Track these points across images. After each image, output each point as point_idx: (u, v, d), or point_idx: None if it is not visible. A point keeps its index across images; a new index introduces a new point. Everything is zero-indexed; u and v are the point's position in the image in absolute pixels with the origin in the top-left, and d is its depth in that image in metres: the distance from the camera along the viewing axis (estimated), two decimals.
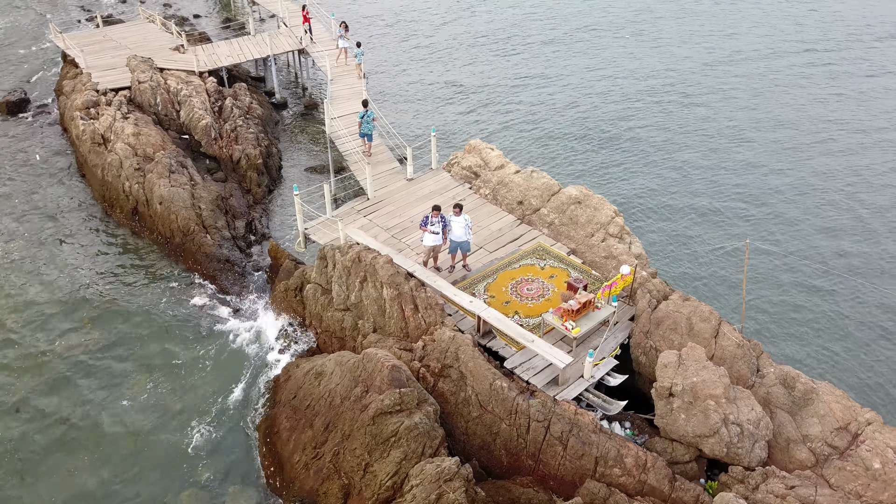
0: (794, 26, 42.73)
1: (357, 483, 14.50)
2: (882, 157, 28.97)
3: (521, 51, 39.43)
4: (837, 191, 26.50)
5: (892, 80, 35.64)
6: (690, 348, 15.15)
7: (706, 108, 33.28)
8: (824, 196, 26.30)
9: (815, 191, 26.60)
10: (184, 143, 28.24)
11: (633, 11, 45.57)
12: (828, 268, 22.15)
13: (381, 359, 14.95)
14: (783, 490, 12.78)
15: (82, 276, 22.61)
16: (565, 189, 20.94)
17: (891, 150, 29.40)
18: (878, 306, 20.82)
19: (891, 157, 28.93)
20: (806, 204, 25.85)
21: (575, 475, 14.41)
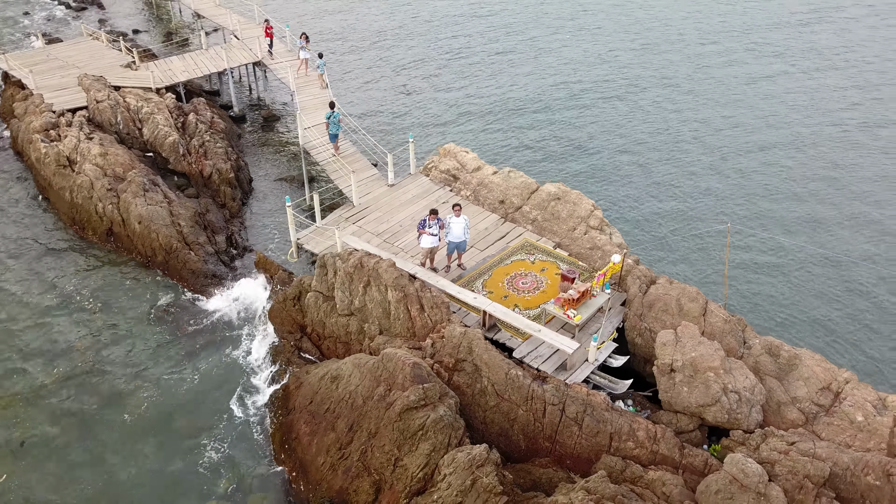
0: (772, 14, 45.26)
1: (388, 478, 15.13)
2: (848, 138, 31.25)
3: (484, 57, 40.22)
4: (809, 174, 28.58)
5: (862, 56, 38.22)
6: (685, 326, 16.43)
7: (673, 101, 35.05)
8: (794, 179, 28.30)
9: (784, 174, 28.57)
10: (149, 161, 28.03)
11: (596, 11, 47.17)
12: (796, 244, 23.97)
13: (402, 357, 15.62)
14: (785, 446, 14.14)
15: (67, 300, 22.31)
16: (543, 186, 22.03)
17: (857, 132, 31.73)
18: (843, 278, 22.76)
19: (856, 138, 31.25)
20: (773, 187, 27.79)
21: (590, 452, 15.44)
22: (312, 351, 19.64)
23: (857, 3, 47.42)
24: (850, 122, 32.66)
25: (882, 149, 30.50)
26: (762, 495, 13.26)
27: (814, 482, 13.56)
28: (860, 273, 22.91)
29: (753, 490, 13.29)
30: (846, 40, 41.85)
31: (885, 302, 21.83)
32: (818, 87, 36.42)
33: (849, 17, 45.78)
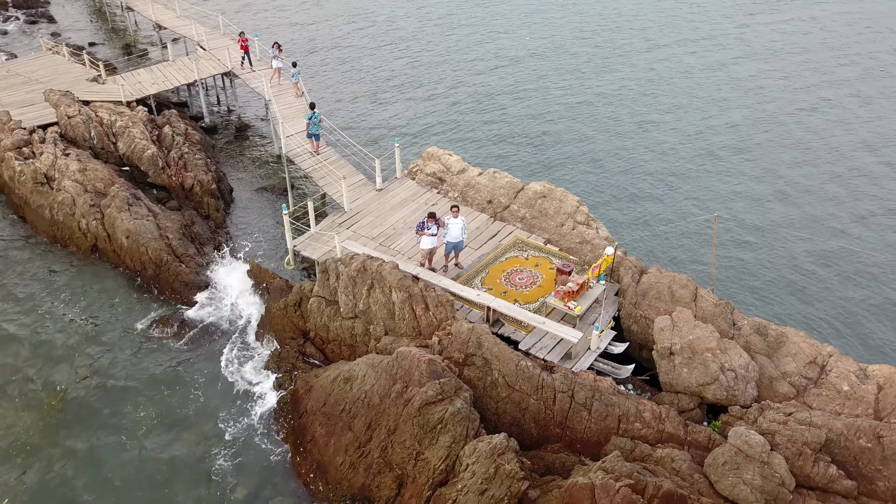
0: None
1: (410, 472, 15.64)
2: (822, 126, 32.97)
3: (455, 62, 40.70)
4: (785, 162, 30.08)
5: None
6: (679, 312, 17.41)
7: (647, 96, 36.32)
8: (770, 168, 29.80)
9: (761, 165, 30.01)
10: (126, 175, 27.85)
11: (567, 13, 48.28)
12: (776, 227, 25.34)
13: (417, 355, 16.17)
14: (783, 417, 15.19)
15: (60, 318, 22.09)
16: (529, 185, 22.84)
17: (833, 120, 33.46)
18: (818, 259, 24.17)
19: (827, 125, 32.97)
20: (750, 175, 29.20)
21: (600, 435, 16.24)
22: (317, 355, 19.99)
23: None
24: (826, 112, 34.36)
25: (859, 138, 32.21)
26: (765, 463, 14.24)
27: (812, 448, 14.64)
28: (834, 254, 24.42)
29: (757, 459, 14.27)
30: (816, 28, 43.87)
31: (858, 279, 23.31)
32: (795, 75, 38.17)
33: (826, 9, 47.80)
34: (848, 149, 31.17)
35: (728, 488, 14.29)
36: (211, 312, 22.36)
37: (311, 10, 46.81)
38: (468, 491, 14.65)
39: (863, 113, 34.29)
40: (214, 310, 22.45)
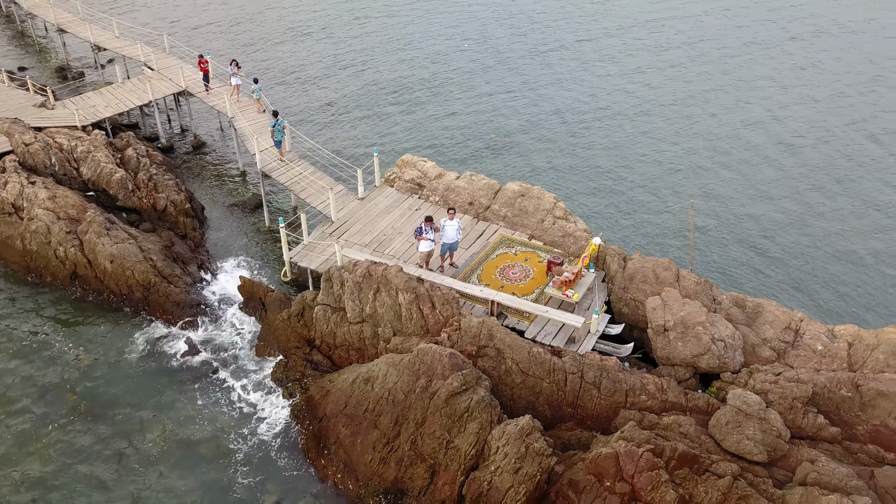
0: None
1: (442, 460, 16.57)
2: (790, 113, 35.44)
3: (420, 71, 41.41)
4: (753, 149, 32.40)
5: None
6: (668, 292, 19.03)
7: (624, 91, 38.01)
8: (737, 155, 32.03)
9: (730, 154, 32.20)
10: (93, 200, 27.50)
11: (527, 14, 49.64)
12: (744, 209, 27.54)
13: (437, 350, 17.12)
14: (773, 377, 16.97)
15: (51, 351, 21.78)
16: (506, 185, 24.12)
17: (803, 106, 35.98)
18: (782, 236, 26.41)
19: (797, 112, 35.46)
20: (718, 162, 31.35)
21: (609, 410, 17.63)
22: (324, 362, 20.59)
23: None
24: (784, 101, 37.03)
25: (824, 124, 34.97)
26: (763, 419, 15.93)
27: (801, 402, 16.46)
28: (795, 231, 26.78)
29: (756, 416, 15.94)
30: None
31: (815, 251, 25.65)
32: (766, 63, 40.81)
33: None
34: (803, 136, 33.84)
35: (734, 444, 15.88)
36: (207, 330, 22.58)
37: (255, 29, 46.65)
38: (502, 471, 15.71)
39: (813, 103, 37.04)
40: (210, 327, 22.67)
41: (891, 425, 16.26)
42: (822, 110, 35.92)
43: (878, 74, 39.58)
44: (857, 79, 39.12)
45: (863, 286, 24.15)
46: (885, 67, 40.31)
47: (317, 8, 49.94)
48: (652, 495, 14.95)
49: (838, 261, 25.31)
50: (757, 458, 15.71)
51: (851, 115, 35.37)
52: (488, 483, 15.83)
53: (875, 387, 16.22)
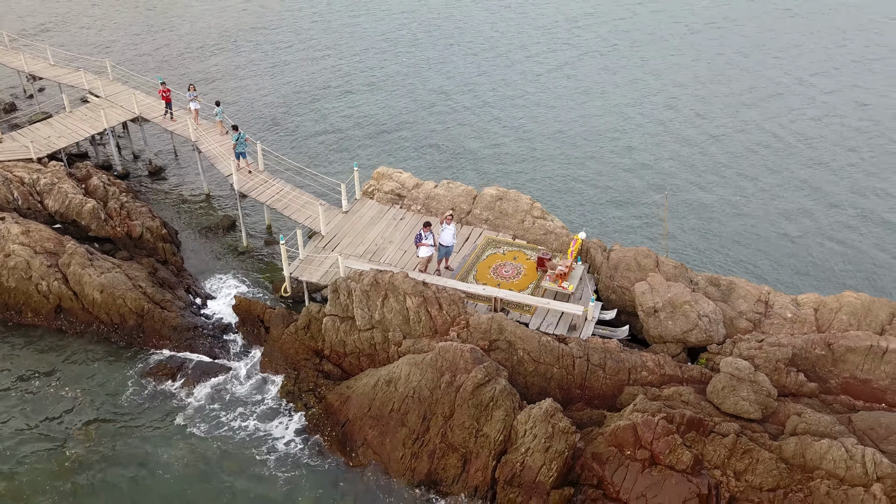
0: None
1: (473, 448, 17.75)
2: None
3: (382, 83, 41.98)
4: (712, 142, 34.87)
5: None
6: (652, 276, 20.91)
7: (584, 91, 39.86)
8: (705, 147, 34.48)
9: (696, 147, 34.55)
10: (62, 233, 27.10)
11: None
12: (704, 197, 29.91)
13: (458, 346, 18.30)
14: (756, 344, 19.06)
15: (52, 389, 21.48)
16: (484, 190, 25.55)
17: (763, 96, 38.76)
18: (744, 221, 28.88)
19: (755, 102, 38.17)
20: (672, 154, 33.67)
21: (614, 388, 19.27)
22: (335, 371, 21.34)
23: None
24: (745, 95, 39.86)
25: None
26: (754, 381, 17.93)
27: (783, 363, 18.59)
28: (756, 216, 29.35)
29: (747, 379, 17.92)
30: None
31: (775, 232, 28.28)
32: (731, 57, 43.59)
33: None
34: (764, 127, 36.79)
35: (731, 406, 17.80)
36: (207, 351, 22.83)
37: (195, 51, 46.25)
38: (533, 451, 17.05)
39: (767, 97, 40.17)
40: (210, 348, 22.94)
41: (859, 376, 18.61)
42: (760, 104, 39.18)
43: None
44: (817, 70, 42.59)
45: (810, 259, 26.96)
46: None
47: (261, 27, 49.85)
48: (670, 458, 16.64)
49: (789, 238, 28.06)
50: (752, 416, 17.67)
51: (804, 107, 38.62)
52: (521, 464, 17.12)
53: (844, 343, 18.54)
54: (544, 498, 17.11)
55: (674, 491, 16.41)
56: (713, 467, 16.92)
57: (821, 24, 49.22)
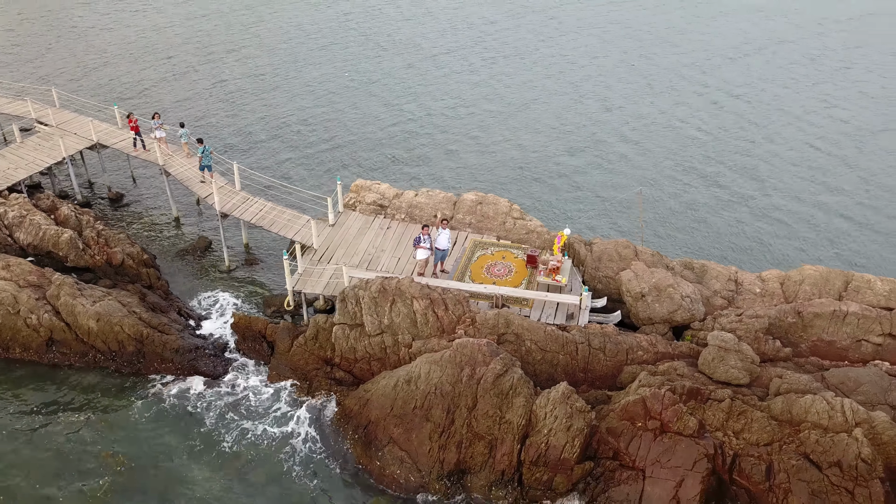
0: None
1: (497, 434, 19.01)
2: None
3: (345, 98, 42.52)
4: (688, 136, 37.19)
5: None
6: (635, 265, 22.80)
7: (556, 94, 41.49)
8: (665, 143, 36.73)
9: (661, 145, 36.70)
10: (38, 264, 26.66)
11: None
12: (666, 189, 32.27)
13: (475, 341, 19.54)
14: (736, 318, 21.21)
15: (58, 424, 21.30)
16: (463, 196, 26.91)
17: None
18: (709, 210, 31.32)
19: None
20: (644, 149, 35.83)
21: (614, 369, 20.97)
22: (346, 377, 22.15)
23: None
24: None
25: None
26: (739, 351, 19.99)
27: (762, 333, 20.79)
28: (721, 206, 31.86)
29: (733, 349, 19.97)
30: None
31: (737, 219, 30.86)
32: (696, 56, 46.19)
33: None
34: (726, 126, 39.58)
35: (722, 374, 19.78)
36: (212, 370, 23.14)
37: (139, 73, 45.50)
38: (556, 431, 18.49)
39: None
40: (214, 367, 23.26)
41: (825, 339, 21.03)
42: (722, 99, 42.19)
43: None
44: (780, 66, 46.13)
45: (762, 239, 29.71)
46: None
47: (209, 45, 49.51)
48: (678, 425, 18.44)
49: (742, 223, 30.77)
50: (741, 381, 19.71)
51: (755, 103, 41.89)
52: (545, 444, 18.53)
53: (812, 310, 20.93)
54: (569, 473, 18.58)
55: (685, 454, 18.21)
56: (714, 430, 18.82)
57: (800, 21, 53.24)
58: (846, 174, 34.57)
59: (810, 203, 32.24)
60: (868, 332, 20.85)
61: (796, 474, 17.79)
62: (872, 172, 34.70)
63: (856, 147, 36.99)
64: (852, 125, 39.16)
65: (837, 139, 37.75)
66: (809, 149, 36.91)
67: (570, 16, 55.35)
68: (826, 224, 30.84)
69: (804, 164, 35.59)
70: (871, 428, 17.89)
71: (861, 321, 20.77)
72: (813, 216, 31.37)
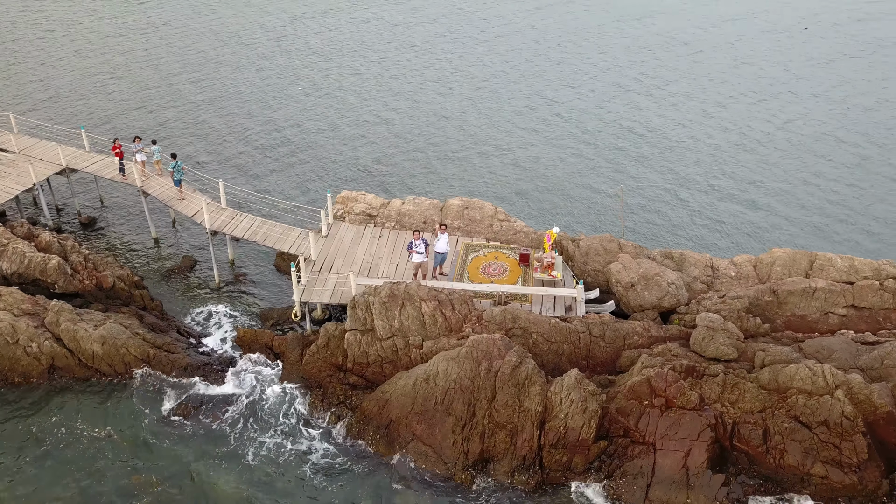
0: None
1: (518, 422, 20.24)
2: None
3: (314, 110, 42.88)
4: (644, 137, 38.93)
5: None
6: (622, 257, 24.50)
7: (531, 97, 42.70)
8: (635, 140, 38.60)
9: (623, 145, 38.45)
10: (25, 292, 26.33)
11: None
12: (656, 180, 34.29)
13: (489, 337, 20.74)
14: (718, 299, 23.12)
15: (81, 450, 21.23)
16: (448, 202, 28.08)
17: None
18: (681, 201, 33.37)
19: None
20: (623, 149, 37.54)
21: (612, 355, 22.53)
22: (359, 381, 22.93)
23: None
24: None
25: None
26: (726, 329, 21.88)
27: (743, 312, 22.77)
28: (691, 196, 33.99)
29: (720, 328, 21.85)
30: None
31: (699, 210, 33.10)
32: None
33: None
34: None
35: (713, 351, 21.58)
36: (222, 385, 23.50)
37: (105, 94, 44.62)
38: (573, 414, 19.87)
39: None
40: (223, 381, 23.61)
41: (797, 313, 23.20)
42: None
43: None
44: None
45: (729, 226, 32.09)
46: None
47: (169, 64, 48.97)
48: (681, 400, 20.12)
49: (707, 214, 33.09)
50: (731, 356, 21.58)
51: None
52: (563, 427, 19.88)
53: (786, 288, 23.07)
54: (586, 453, 19.98)
55: (690, 426, 19.89)
56: (713, 402, 20.59)
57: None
58: (794, 166, 37.57)
59: (767, 191, 34.97)
60: (834, 305, 23.12)
61: (789, 435, 19.71)
62: (818, 163, 37.84)
63: (794, 141, 40.16)
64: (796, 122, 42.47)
65: (787, 136, 40.89)
66: (756, 144, 39.87)
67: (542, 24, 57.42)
68: (783, 210, 33.59)
69: (757, 155, 38.44)
70: (849, 389, 19.98)
71: (828, 295, 23.03)
72: (769, 204, 34.08)
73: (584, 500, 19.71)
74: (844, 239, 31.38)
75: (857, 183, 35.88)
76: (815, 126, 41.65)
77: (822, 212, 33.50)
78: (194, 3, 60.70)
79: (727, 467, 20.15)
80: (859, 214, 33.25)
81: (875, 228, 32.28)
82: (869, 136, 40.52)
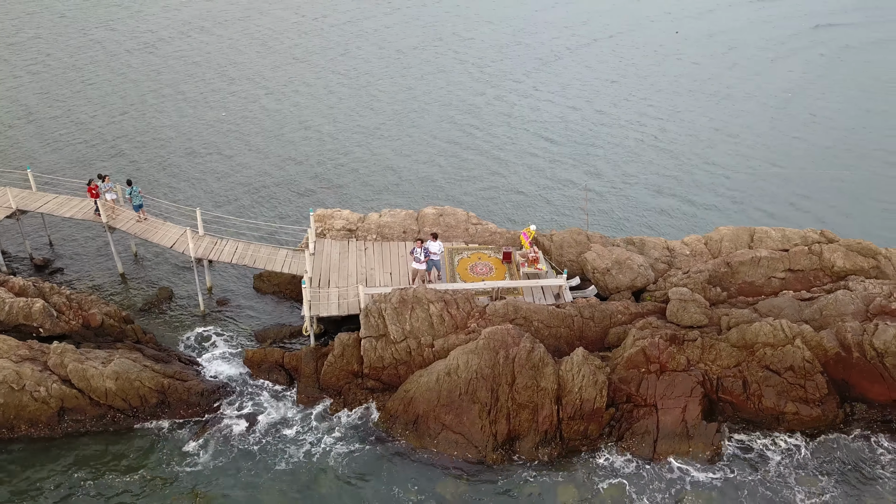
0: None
1: (536, 401, 22.45)
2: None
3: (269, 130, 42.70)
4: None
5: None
6: (594, 247, 27.37)
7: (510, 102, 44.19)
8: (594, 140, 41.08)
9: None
10: None
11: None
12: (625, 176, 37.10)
13: (502, 328, 22.84)
14: (683, 275, 26.42)
15: (117, 491, 21.33)
16: (423, 210, 29.98)
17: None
18: (631, 198, 36.55)
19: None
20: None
21: (601, 333, 25.25)
22: (376, 385, 24.34)
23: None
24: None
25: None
26: (695, 300, 25.17)
27: (706, 283, 26.18)
28: (646, 191, 37.38)
29: (691, 300, 25.10)
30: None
31: (644, 199, 36.50)
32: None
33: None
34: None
35: (688, 320, 24.72)
36: (240, 405, 24.17)
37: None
38: (586, 388, 22.33)
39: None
40: (240, 402, 24.29)
41: (747, 280, 26.89)
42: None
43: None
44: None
45: (672, 212, 35.79)
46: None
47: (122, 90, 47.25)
48: (672, 364, 23.11)
49: (651, 205, 36.69)
50: (703, 323, 24.83)
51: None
52: (579, 399, 22.30)
53: (738, 260, 26.71)
54: (599, 420, 22.50)
55: (682, 385, 22.86)
56: (697, 363, 23.70)
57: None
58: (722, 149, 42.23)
59: (686, 184, 39.25)
60: (775, 270, 27.00)
61: (764, 382, 23.12)
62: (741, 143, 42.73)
63: (686, 140, 45.04)
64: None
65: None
66: (688, 137, 44.38)
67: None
68: (715, 191, 37.95)
69: (672, 153, 42.84)
70: (804, 338, 23.67)
71: (770, 262, 26.88)
72: (700, 185, 38.38)
73: (604, 459, 22.17)
74: (766, 214, 36.06)
75: (777, 163, 41.13)
76: (705, 122, 46.86)
77: (741, 194, 38.17)
78: (141, 35, 58.80)
79: (717, 417, 23.28)
80: (778, 190, 38.26)
81: (794, 201, 37.38)
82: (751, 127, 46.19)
